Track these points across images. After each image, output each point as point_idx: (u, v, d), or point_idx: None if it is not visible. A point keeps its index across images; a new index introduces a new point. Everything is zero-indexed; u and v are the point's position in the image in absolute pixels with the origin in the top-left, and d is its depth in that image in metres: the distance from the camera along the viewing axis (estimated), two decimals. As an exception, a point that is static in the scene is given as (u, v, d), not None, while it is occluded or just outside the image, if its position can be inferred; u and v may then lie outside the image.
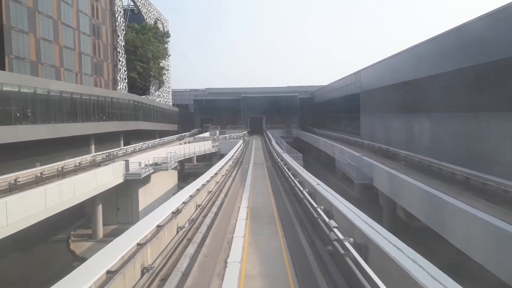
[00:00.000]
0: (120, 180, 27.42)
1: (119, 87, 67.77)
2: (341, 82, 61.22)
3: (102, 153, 34.49)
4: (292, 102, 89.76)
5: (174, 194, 20.88)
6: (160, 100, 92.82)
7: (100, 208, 28.42)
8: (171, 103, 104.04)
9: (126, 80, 72.04)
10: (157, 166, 31.30)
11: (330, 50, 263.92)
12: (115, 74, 67.44)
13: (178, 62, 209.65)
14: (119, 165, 27.62)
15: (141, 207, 32.20)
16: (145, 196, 33.22)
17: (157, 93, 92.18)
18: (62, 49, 48.88)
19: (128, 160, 28.61)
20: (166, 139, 56.72)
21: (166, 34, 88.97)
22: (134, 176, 28.08)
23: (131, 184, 30.45)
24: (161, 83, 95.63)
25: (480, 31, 22.44)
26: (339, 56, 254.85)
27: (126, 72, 71.81)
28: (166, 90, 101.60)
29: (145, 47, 74.74)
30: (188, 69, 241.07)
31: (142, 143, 46.51)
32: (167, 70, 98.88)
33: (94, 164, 31.89)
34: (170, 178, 41.28)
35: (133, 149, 41.52)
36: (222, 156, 42.94)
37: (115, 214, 31.62)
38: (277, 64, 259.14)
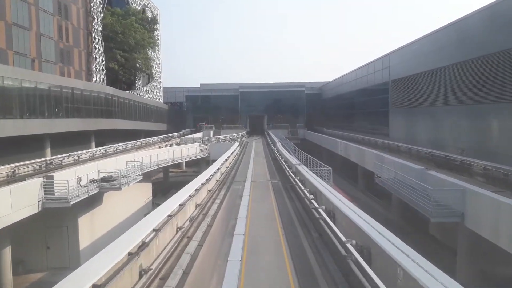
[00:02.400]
0: (31, 210, 16.56)
1: (94, 79, 57.22)
2: (360, 71, 50.38)
3: (35, 162, 23.81)
4: (298, 98, 78.68)
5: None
6: (149, 97, 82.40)
7: (7, 251, 17.80)
8: (162, 100, 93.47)
9: (105, 72, 61.53)
10: (106, 184, 20.54)
11: (328, 50, 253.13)
12: (90, 64, 56.85)
13: (176, 62, 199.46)
14: (31, 185, 16.68)
15: (84, 243, 21.56)
16: (92, 227, 22.57)
17: (145, 88, 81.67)
18: (10, 27, 38.48)
19: (52, 176, 17.87)
20: (145, 141, 46.11)
21: (153, 21, 78.11)
22: (59, 202, 17.32)
23: (66, 211, 19.82)
24: (150, 78, 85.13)
25: None
26: (338, 56, 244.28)
27: (104, 62, 61.27)
28: (156, 86, 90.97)
29: (126, 33, 63.97)
30: (185, 69, 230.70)
31: (109, 146, 35.93)
32: (156, 63, 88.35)
33: (15, 179, 21.42)
34: (139, 194, 30.56)
35: (91, 154, 30.86)
36: (213, 161, 32.84)
37: (44, 256, 21.01)
38: (277, 63, 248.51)
